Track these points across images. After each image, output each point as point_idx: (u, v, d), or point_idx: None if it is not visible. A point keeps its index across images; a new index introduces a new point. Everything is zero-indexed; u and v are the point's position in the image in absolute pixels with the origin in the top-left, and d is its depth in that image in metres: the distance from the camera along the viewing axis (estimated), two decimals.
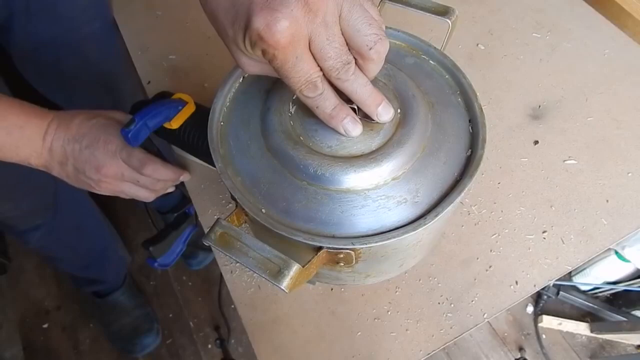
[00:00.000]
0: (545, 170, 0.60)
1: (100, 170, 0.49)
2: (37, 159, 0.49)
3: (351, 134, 0.36)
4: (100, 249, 1.07)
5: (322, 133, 0.37)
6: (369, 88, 0.33)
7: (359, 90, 0.32)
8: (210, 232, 0.32)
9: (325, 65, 0.30)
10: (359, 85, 0.32)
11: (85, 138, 0.48)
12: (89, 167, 0.49)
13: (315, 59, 0.30)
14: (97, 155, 0.48)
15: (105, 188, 0.52)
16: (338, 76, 0.31)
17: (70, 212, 0.91)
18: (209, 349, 1.26)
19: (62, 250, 0.98)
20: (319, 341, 0.51)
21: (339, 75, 0.31)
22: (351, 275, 0.42)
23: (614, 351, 1.24)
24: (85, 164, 0.49)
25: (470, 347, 1.23)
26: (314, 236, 0.35)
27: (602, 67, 0.69)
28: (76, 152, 0.48)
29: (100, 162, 0.48)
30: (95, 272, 1.12)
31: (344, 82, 0.32)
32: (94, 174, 0.49)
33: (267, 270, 0.31)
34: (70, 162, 0.49)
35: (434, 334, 0.50)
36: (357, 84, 0.32)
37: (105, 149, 0.48)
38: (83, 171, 0.49)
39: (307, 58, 0.29)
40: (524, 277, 0.53)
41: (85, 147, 0.48)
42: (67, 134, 0.48)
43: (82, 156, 0.48)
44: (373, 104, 0.34)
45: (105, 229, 1.09)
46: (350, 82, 0.32)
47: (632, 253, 1.03)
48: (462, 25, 0.73)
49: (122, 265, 1.21)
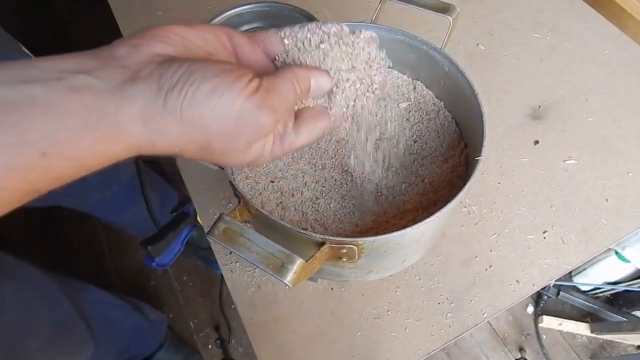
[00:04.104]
0: (545, 170, 0.60)
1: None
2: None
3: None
4: (132, 329, 1.04)
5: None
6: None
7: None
8: (214, 228, 0.33)
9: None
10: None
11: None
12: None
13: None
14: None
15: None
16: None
17: (106, 334, 0.87)
18: (209, 349, 1.26)
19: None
20: (319, 341, 0.51)
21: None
22: (353, 271, 0.42)
23: (614, 351, 1.24)
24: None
25: (470, 347, 1.23)
26: (317, 231, 0.35)
27: (602, 67, 0.69)
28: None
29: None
30: (135, 349, 1.10)
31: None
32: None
33: (271, 265, 0.31)
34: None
35: (434, 334, 0.50)
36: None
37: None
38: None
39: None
40: (524, 277, 0.53)
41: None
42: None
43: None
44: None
45: (131, 312, 1.03)
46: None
47: (632, 253, 1.03)
48: (463, 26, 0.74)
49: (160, 326, 1.17)
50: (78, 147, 0.24)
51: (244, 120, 0.27)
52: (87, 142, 0.24)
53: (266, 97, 0.27)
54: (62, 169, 0.24)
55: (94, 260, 1.37)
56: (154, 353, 1.15)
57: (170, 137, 0.26)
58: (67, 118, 0.23)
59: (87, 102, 0.24)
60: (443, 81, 0.49)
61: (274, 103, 0.28)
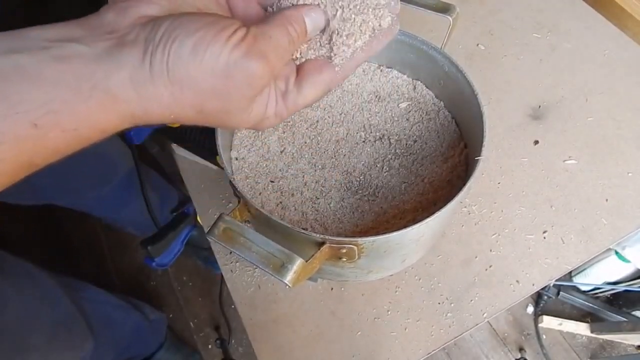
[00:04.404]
0: (545, 170, 0.60)
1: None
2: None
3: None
4: (132, 329, 1.04)
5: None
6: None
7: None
8: (214, 228, 0.33)
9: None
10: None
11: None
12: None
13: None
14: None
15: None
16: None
17: (106, 334, 0.87)
18: (209, 349, 1.26)
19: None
20: (319, 341, 0.51)
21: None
22: (353, 271, 0.42)
23: (614, 351, 1.24)
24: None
25: (470, 347, 1.23)
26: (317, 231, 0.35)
27: (602, 67, 0.69)
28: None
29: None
30: (135, 349, 1.10)
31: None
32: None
33: (271, 265, 0.31)
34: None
35: (434, 334, 0.50)
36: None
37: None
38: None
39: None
40: (524, 277, 0.53)
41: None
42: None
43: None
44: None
45: (131, 312, 1.03)
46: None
47: (632, 253, 1.03)
48: (463, 26, 0.74)
49: (160, 326, 1.17)
50: (72, 117, 0.23)
51: (234, 72, 0.25)
52: (80, 112, 0.23)
53: (254, 44, 0.25)
54: (57, 141, 0.23)
55: (94, 260, 1.37)
56: (154, 353, 1.15)
57: (162, 102, 0.25)
58: (58, 88, 0.23)
59: (77, 71, 0.23)
60: (443, 81, 0.49)
61: (264, 49, 0.26)
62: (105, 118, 0.24)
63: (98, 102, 0.24)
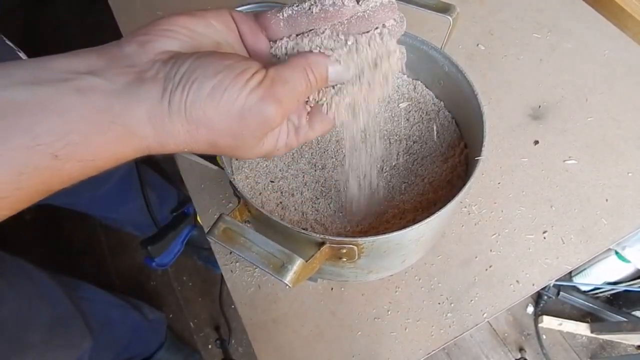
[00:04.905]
0: (545, 170, 0.60)
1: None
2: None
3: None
4: (132, 328, 1.04)
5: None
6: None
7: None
8: (214, 228, 0.33)
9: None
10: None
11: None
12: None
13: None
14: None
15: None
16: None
17: (104, 333, 0.87)
18: (209, 349, 1.26)
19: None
20: (319, 341, 0.51)
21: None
22: (353, 271, 0.42)
23: (614, 352, 1.24)
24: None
25: (470, 347, 1.23)
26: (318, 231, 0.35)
27: (602, 67, 0.69)
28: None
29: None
30: (135, 349, 1.10)
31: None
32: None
33: (271, 265, 0.31)
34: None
35: (434, 334, 0.50)
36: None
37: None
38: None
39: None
40: (524, 277, 0.53)
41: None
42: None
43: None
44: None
45: (130, 312, 1.03)
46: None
47: (632, 253, 1.03)
48: (463, 26, 0.74)
49: (160, 326, 1.17)
50: (89, 149, 0.24)
51: (248, 115, 0.26)
52: (98, 144, 0.24)
53: (270, 88, 0.26)
54: (73, 170, 0.24)
55: (94, 260, 1.37)
56: (154, 353, 1.15)
57: (178, 137, 0.26)
58: (77, 120, 0.23)
59: (96, 104, 0.24)
60: (443, 81, 0.49)
61: (279, 94, 0.26)
62: (122, 150, 0.25)
63: (116, 136, 0.24)
